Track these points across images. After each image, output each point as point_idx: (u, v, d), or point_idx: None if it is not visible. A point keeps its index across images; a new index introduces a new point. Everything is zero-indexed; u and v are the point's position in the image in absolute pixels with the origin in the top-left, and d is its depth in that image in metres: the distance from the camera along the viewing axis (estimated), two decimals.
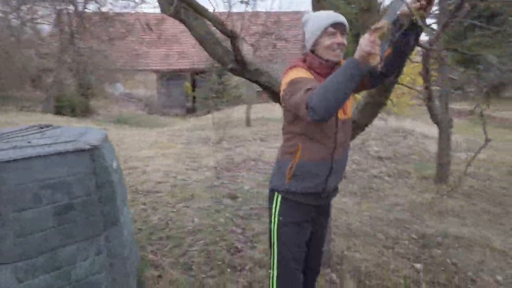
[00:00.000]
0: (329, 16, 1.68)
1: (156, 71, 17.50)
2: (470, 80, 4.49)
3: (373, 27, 1.37)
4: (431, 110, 5.16)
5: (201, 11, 2.04)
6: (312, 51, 1.74)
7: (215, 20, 2.08)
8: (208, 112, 14.33)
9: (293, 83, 1.60)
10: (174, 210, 3.83)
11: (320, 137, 1.71)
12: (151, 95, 17.74)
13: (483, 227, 3.93)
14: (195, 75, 17.64)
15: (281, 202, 1.84)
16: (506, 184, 5.33)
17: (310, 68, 1.72)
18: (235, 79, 15.17)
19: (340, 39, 1.66)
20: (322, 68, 1.70)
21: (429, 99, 5.07)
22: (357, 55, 1.40)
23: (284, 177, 1.79)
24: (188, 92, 18.34)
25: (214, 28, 2.30)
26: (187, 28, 2.62)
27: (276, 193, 1.86)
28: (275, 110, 13.92)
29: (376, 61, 1.37)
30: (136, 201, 4.01)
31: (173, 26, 14.61)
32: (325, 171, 1.76)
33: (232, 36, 2.25)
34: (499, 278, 2.94)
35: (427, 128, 8.12)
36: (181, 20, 2.60)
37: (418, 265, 3.12)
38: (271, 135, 8.18)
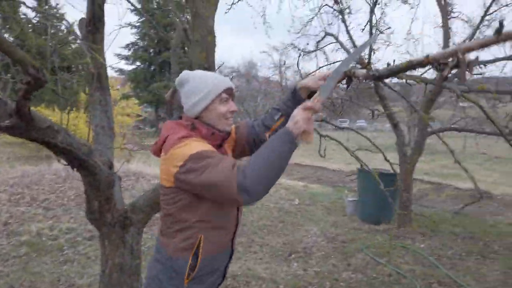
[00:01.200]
0: (221, 79, 1.45)
1: None
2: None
3: (309, 103, 1.29)
4: None
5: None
6: (196, 118, 1.44)
7: (24, 59, 1.33)
8: None
9: (199, 157, 1.26)
10: None
11: (223, 222, 1.42)
12: None
13: (244, 259, 4.41)
14: None
15: None
16: None
17: (201, 138, 1.41)
18: None
19: (234, 106, 1.47)
20: (214, 139, 1.43)
21: None
22: (294, 129, 1.27)
23: (181, 282, 1.36)
24: None
25: None
26: None
27: None
28: None
29: (311, 140, 1.29)
30: None
31: None
32: (225, 260, 1.49)
33: (39, 81, 1.51)
34: None
35: (150, 168, 8.38)
36: None
37: None
38: None
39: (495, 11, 4.95)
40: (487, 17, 4.89)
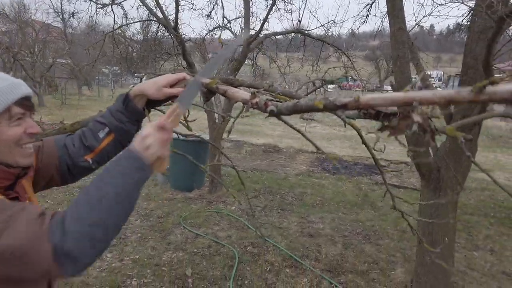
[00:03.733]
0: (8, 84, 0.87)
1: None
2: None
3: (166, 122, 0.88)
4: None
5: None
6: None
7: None
8: None
9: None
10: None
11: None
12: None
13: None
14: None
15: None
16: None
17: None
18: None
19: (35, 126, 0.93)
20: (1, 179, 0.89)
21: None
22: (146, 154, 0.85)
23: None
24: None
25: None
26: None
27: None
28: None
29: (164, 169, 0.92)
30: None
31: None
32: None
33: None
34: None
35: None
36: None
37: None
38: None
39: None
40: None
